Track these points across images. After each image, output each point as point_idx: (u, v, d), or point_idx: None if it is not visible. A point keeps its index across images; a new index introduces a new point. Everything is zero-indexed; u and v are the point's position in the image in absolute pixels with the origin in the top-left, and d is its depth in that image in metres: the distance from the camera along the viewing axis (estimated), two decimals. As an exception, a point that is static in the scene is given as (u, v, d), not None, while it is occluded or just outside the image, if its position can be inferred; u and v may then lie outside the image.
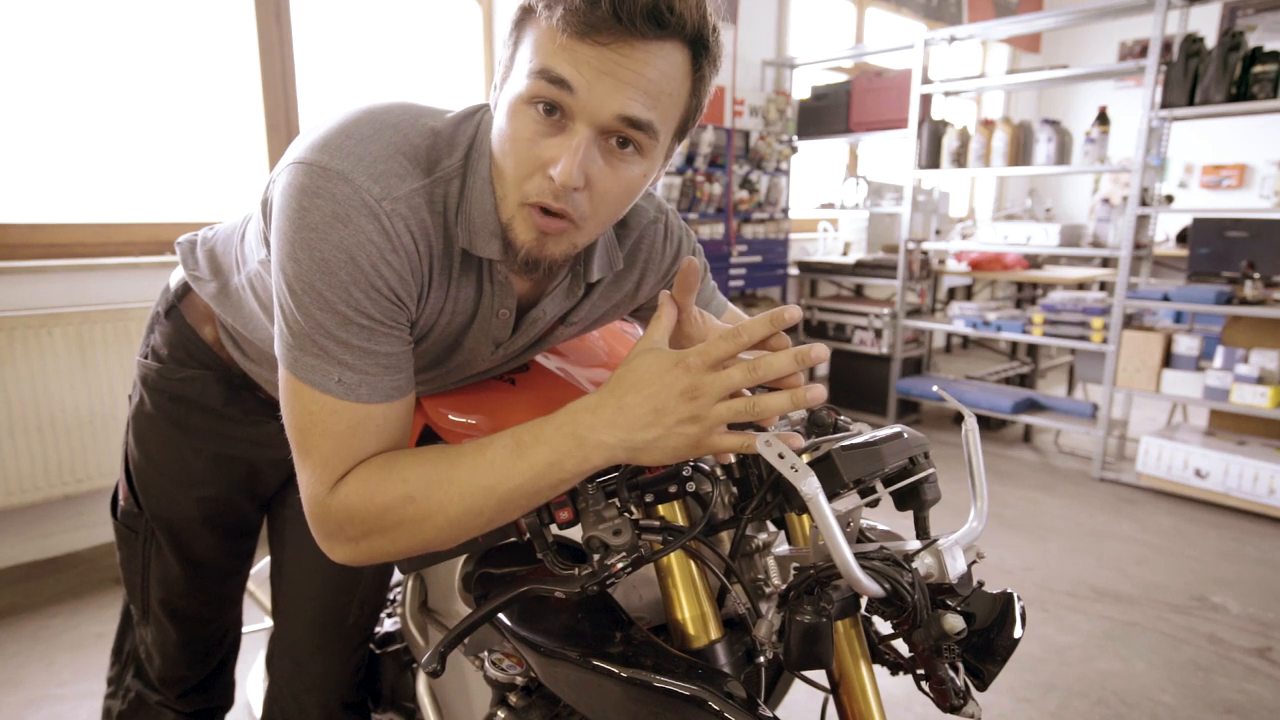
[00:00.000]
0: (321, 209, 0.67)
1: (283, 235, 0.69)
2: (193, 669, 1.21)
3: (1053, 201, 6.61)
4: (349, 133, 0.71)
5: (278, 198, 0.71)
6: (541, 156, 0.68)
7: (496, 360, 0.90)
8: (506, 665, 0.87)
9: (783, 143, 4.36)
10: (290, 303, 0.69)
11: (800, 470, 0.65)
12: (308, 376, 0.70)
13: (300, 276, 0.68)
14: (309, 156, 0.69)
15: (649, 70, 0.64)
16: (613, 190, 0.71)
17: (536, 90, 0.65)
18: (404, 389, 0.74)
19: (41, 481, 2.40)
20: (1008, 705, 1.91)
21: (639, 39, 0.63)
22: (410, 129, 0.73)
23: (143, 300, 2.56)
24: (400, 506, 0.69)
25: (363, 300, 0.68)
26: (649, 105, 0.66)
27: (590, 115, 0.65)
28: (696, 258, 1.02)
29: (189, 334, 1.05)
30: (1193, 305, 3.19)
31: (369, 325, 0.70)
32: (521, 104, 0.67)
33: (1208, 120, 3.37)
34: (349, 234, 0.67)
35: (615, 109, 0.65)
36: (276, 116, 2.89)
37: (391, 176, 0.70)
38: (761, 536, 0.81)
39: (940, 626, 0.67)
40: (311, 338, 0.69)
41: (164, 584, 1.14)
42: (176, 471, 1.09)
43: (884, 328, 4.27)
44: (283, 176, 0.71)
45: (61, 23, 2.51)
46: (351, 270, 0.67)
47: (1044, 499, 3.29)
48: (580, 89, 0.64)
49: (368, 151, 0.70)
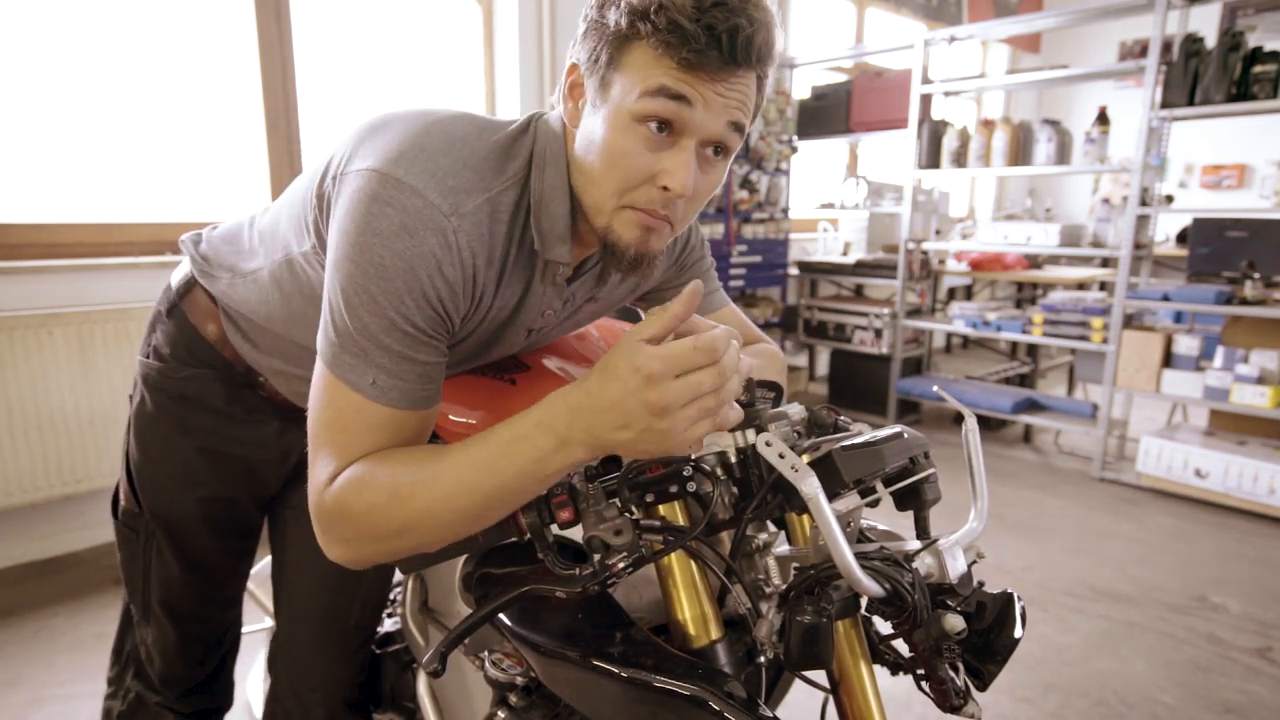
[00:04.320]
0: (391, 218, 0.71)
1: (346, 236, 0.72)
2: (193, 669, 1.21)
3: (1053, 201, 6.61)
4: (421, 145, 0.74)
5: (345, 199, 0.74)
6: (652, 169, 0.73)
7: (528, 344, 0.95)
8: (507, 665, 0.87)
9: (783, 143, 4.36)
10: (340, 301, 0.72)
11: (800, 470, 0.65)
12: (344, 374, 0.73)
13: (356, 278, 0.71)
14: (384, 167, 0.73)
15: (742, 90, 0.73)
16: (703, 192, 0.78)
17: (653, 108, 0.71)
18: (432, 399, 0.77)
19: (41, 481, 2.40)
20: (1008, 705, 1.92)
21: (740, 69, 0.71)
22: (477, 142, 0.78)
23: (143, 300, 2.56)
24: (386, 505, 0.70)
25: (412, 309, 0.72)
26: (745, 114, 0.75)
27: (703, 130, 0.72)
28: (704, 261, 1.06)
29: (191, 333, 1.06)
30: (1193, 305, 3.19)
31: (412, 333, 0.73)
32: (632, 120, 0.72)
33: (1208, 120, 3.37)
34: (413, 245, 0.71)
35: (725, 119, 0.73)
36: (276, 116, 2.89)
37: (460, 192, 0.74)
38: (762, 536, 0.81)
39: (940, 626, 0.67)
40: (355, 338, 0.72)
41: (164, 584, 1.14)
42: (177, 471, 1.09)
43: (884, 328, 4.27)
44: (354, 180, 0.74)
45: (62, 23, 2.51)
46: (408, 280, 0.71)
47: (1044, 499, 3.29)
48: (697, 106, 0.71)
49: (439, 166, 0.74)
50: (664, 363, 0.61)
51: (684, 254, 1.03)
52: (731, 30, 0.68)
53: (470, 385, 0.98)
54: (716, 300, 1.07)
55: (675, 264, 1.03)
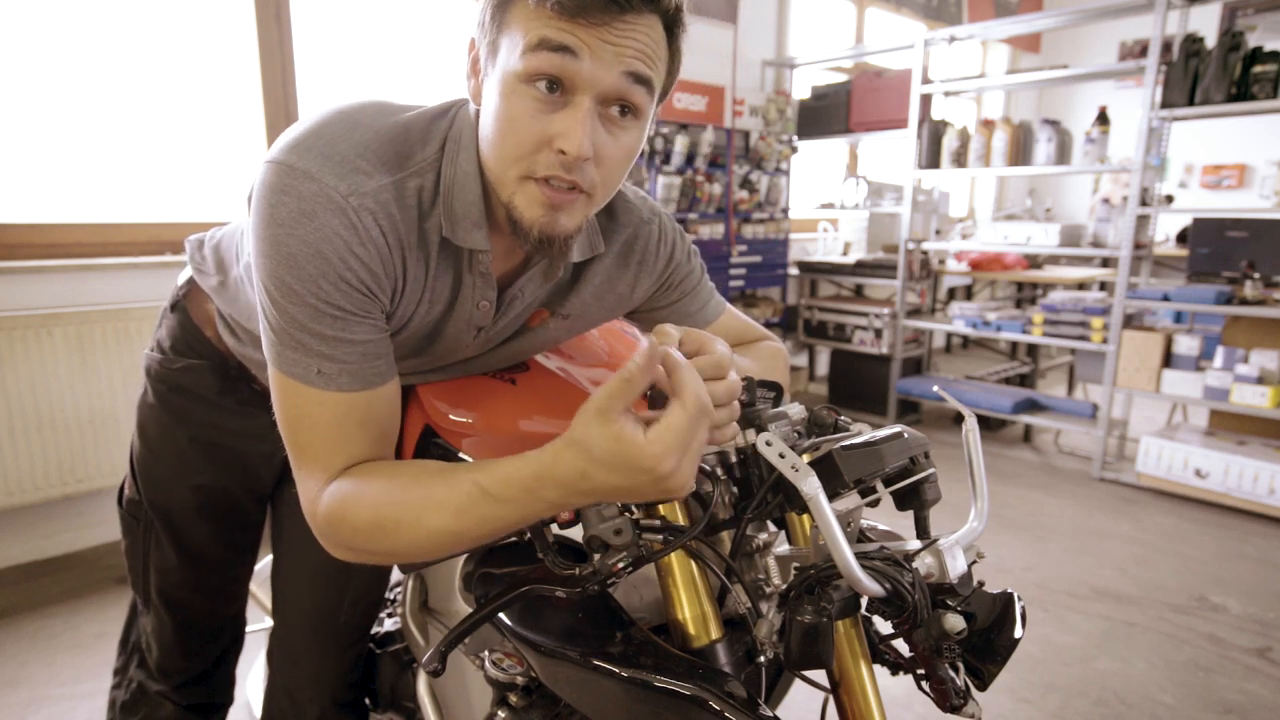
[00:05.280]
0: (288, 205, 0.69)
1: (254, 233, 0.71)
2: (189, 660, 1.22)
3: (1053, 201, 6.61)
4: (319, 133, 0.72)
5: (253, 197, 0.73)
6: (546, 132, 0.68)
7: (480, 344, 0.90)
8: (507, 665, 0.86)
9: (783, 143, 4.37)
10: (265, 298, 0.71)
11: (801, 470, 0.65)
12: (289, 369, 0.72)
13: (271, 272, 0.70)
14: (279, 156, 0.71)
15: (640, 38, 0.68)
16: (616, 157, 0.72)
17: (536, 64, 0.66)
18: (385, 374, 0.76)
19: (41, 481, 2.40)
20: (1008, 705, 1.91)
21: (630, 14, 0.66)
22: (381, 126, 0.75)
23: (143, 300, 2.56)
24: (369, 531, 0.70)
25: (331, 292, 0.70)
26: (647, 64, 0.69)
27: (595, 82, 0.67)
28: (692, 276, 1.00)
29: (190, 327, 1.09)
30: (1193, 305, 3.19)
31: (340, 316, 0.71)
32: (519, 82, 0.68)
33: (1208, 120, 3.36)
34: (314, 229, 0.69)
35: (620, 68, 0.67)
36: (276, 116, 2.89)
37: (359, 174, 0.71)
38: (762, 536, 0.81)
39: (940, 626, 0.67)
40: (288, 331, 0.71)
41: (161, 573, 1.16)
42: (173, 460, 1.12)
43: (884, 328, 4.27)
44: (258, 175, 0.73)
45: (62, 22, 2.51)
46: (319, 264, 0.69)
47: (1044, 499, 3.29)
48: (584, 56, 0.65)
49: (336, 150, 0.71)
50: (673, 456, 0.59)
51: (669, 272, 0.97)
52: None
53: (470, 385, 0.98)
54: (711, 311, 1.04)
55: (661, 284, 0.98)
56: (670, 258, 0.96)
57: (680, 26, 0.72)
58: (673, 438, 0.59)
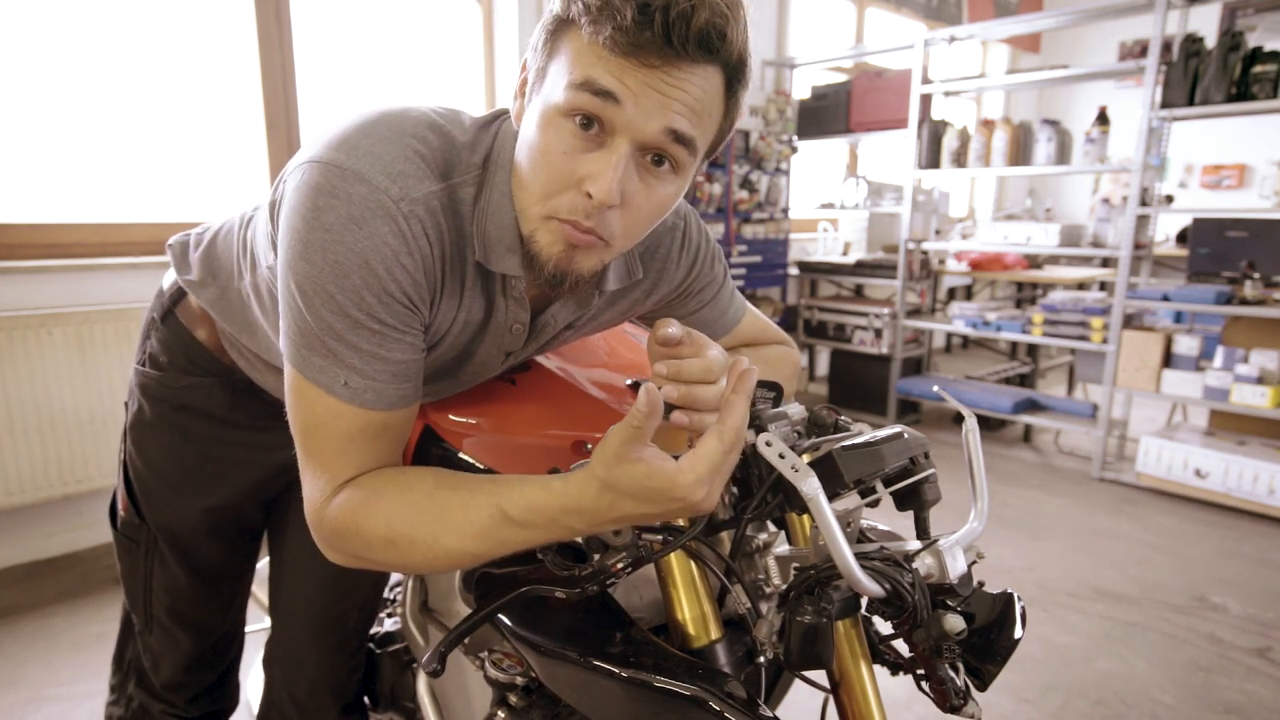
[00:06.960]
0: (337, 210, 0.66)
1: (295, 234, 0.67)
2: (203, 674, 1.20)
3: (1053, 201, 6.61)
4: (366, 132, 0.69)
5: (290, 195, 0.69)
6: (577, 172, 0.65)
7: (505, 367, 0.90)
8: (507, 665, 0.86)
9: (783, 143, 4.36)
10: (300, 303, 0.68)
11: (801, 470, 0.65)
12: (314, 376, 0.69)
13: (312, 278, 0.66)
14: (325, 155, 0.68)
15: (693, 89, 0.63)
16: (645, 209, 0.69)
17: (577, 102, 0.63)
18: (409, 398, 0.74)
19: (41, 481, 2.40)
20: (1008, 705, 1.91)
21: (686, 61, 0.62)
22: (428, 133, 0.72)
23: (143, 300, 2.56)
24: (382, 547, 0.69)
25: (374, 305, 0.67)
26: (693, 122, 0.65)
27: (634, 130, 0.64)
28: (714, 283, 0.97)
29: (188, 339, 1.02)
30: (1193, 305, 3.19)
31: (380, 330, 0.68)
32: (558, 116, 0.65)
33: (1208, 120, 3.36)
34: (364, 237, 0.66)
35: (662, 123, 0.64)
36: (276, 116, 2.89)
37: (409, 177, 0.68)
38: (761, 536, 0.81)
39: (940, 626, 0.67)
40: (319, 338, 0.68)
41: (170, 593, 1.12)
42: (180, 481, 1.07)
43: (884, 328, 4.27)
44: (296, 175, 0.70)
45: (61, 22, 2.51)
46: (365, 274, 0.66)
47: (1044, 499, 3.29)
48: (626, 102, 0.62)
49: (385, 151, 0.68)
50: (705, 485, 0.60)
51: (689, 282, 0.94)
52: (666, 7, 0.59)
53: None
54: (730, 318, 1.01)
55: (680, 292, 0.94)
56: (691, 266, 0.93)
57: (742, 82, 0.67)
58: (705, 467, 0.60)
